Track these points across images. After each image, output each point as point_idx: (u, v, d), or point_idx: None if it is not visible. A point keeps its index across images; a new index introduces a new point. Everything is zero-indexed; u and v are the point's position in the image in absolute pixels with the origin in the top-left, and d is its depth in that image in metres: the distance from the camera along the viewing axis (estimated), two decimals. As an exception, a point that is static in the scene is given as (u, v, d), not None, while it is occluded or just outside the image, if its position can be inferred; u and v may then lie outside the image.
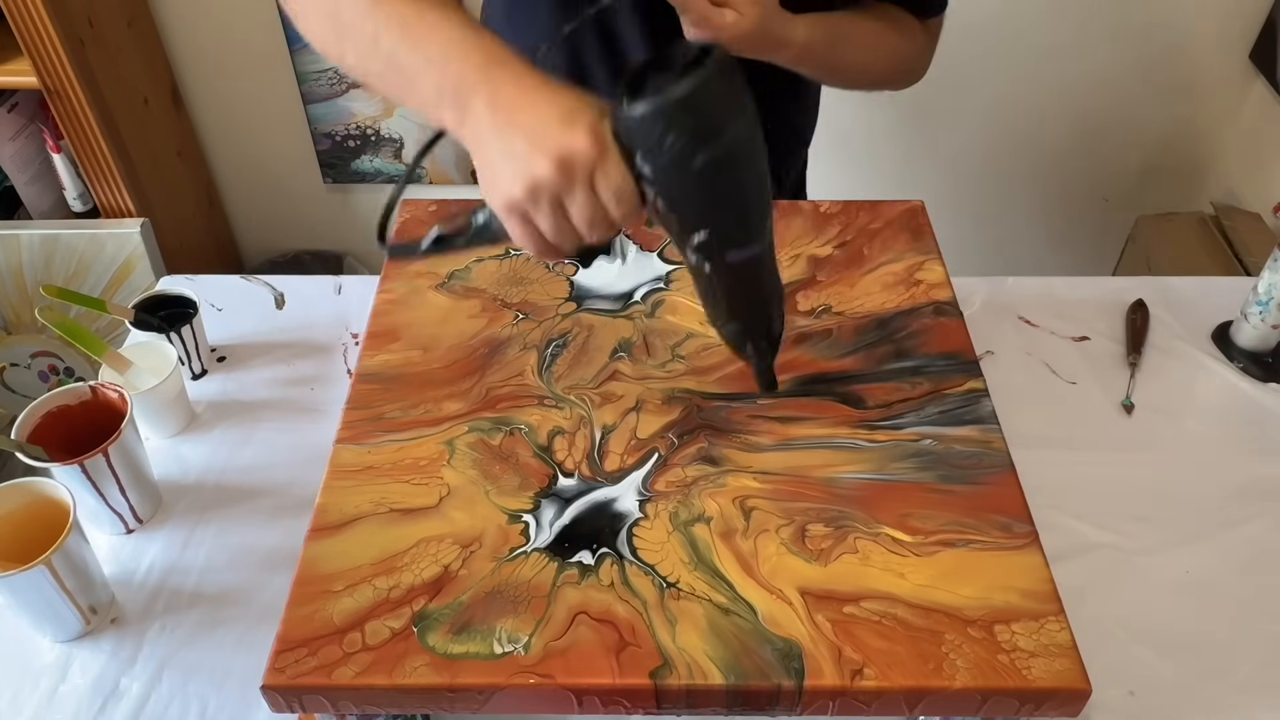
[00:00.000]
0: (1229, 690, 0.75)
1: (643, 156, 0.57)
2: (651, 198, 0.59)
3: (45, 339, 1.73)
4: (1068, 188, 1.92)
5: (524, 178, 0.57)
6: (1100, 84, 1.77)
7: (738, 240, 0.62)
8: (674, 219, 0.60)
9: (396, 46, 0.61)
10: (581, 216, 0.58)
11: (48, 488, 0.76)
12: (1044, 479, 0.84)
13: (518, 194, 0.58)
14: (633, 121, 0.56)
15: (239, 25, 1.75)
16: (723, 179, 0.58)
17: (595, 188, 0.57)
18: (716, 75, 0.55)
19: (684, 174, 0.57)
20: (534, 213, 0.59)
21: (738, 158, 0.58)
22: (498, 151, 0.58)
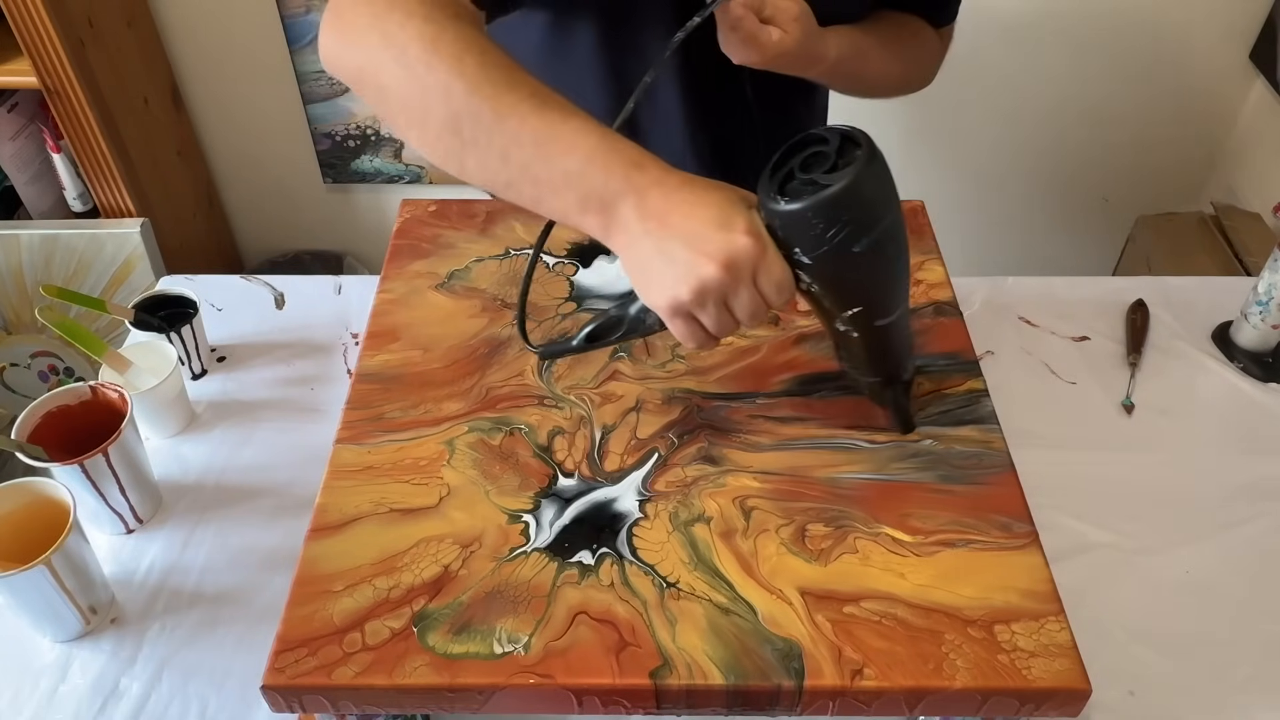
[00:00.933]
0: (1229, 690, 0.75)
1: (803, 249, 0.60)
2: (807, 283, 0.62)
3: (45, 339, 1.73)
4: (1068, 188, 1.92)
5: (690, 281, 0.59)
6: (1100, 84, 1.77)
7: (889, 309, 0.65)
8: (828, 299, 0.64)
9: (530, 161, 0.61)
10: (745, 311, 0.61)
11: (48, 488, 0.76)
12: (1044, 479, 0.84)
13: (684, 297, 0.60)
14: (793, 216, 0.59)
15: (239, 25, 1.75)
16: (880, 260, 0.61)
17: (758, 283, 0.60)
18: (870, 164, 0.58)
19: (843, 261, 0.60)
20: (699, 313, 0.61)
21: (893, 238, 0.61)
22: (655, 257, 0.60)
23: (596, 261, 0.87)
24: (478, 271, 0.86)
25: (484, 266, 0.87)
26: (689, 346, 0.64)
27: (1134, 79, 1.76)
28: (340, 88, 1.80)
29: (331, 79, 1.78)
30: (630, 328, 0.70)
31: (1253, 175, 1.75)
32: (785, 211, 0.59)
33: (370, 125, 1.85)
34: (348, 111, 1.83)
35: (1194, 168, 1.87)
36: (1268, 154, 1.71)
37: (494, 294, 0.84)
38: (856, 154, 0.59)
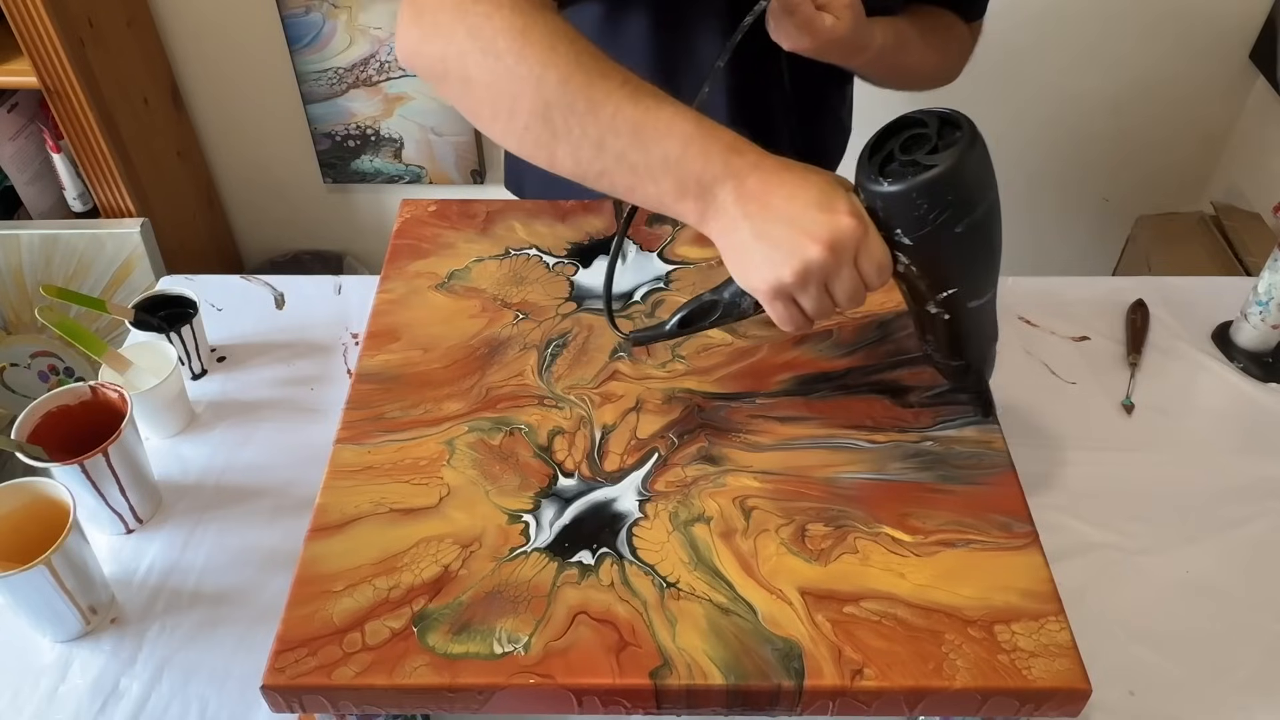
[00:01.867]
0: (1229, 690, 0.75)
1: (904, 230, 0.60)
2: (905, 264, 0.63)
3: (45, 339, 1.73)
4: (1068, 188, 1.92)
5: (794, 263, 0.60)
6: (1100, 84, 1.77)
7: (982, 291, 0.66)
8: (924, 280, 0.64)
9: (627, 149, 0.62)
10: (844, 293, 0.62)
11: (48, 488, 0.76)
12: (1044, 479, 0.84)
13: (787, 279, 0.60)
14: (895, 197, 0.59)
15: (239, 25, 1.75)
16: (979, 241, 0.62)
17: (859, 264, 0.61)
18: (973, 145, 0.59)
19: (944, 242, 0.61)
20: (800, 295, 0.62)
21: (993, 219, 0.62)
22: (756, 240, 0.61)
23: (597, 261, 0.87)
24: (478, 271, 0.86)
25: (484, 266, 0.87)
26: (786, 330, 0.64)
27: (1134, 79, 1.76)
28: (340, 87, 1.80)
29: (331, 79, 1.78)
30: (725, 312, 0.69)
31: (1253, 175, 1.75)
32: (888, 193, 0.59)
33: (370, 125, 1.85)
34: (348, 111, 1.83)
35: (1194, 168, 1.87)
36: (1268, 154, 1.71)
37: (494, 294, 0.84)
38: (957, 136, 0.59)
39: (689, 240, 0.89)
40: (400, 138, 1.86)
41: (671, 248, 0.89)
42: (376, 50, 1.75)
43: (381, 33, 1.73)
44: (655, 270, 0.86)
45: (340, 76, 1.79)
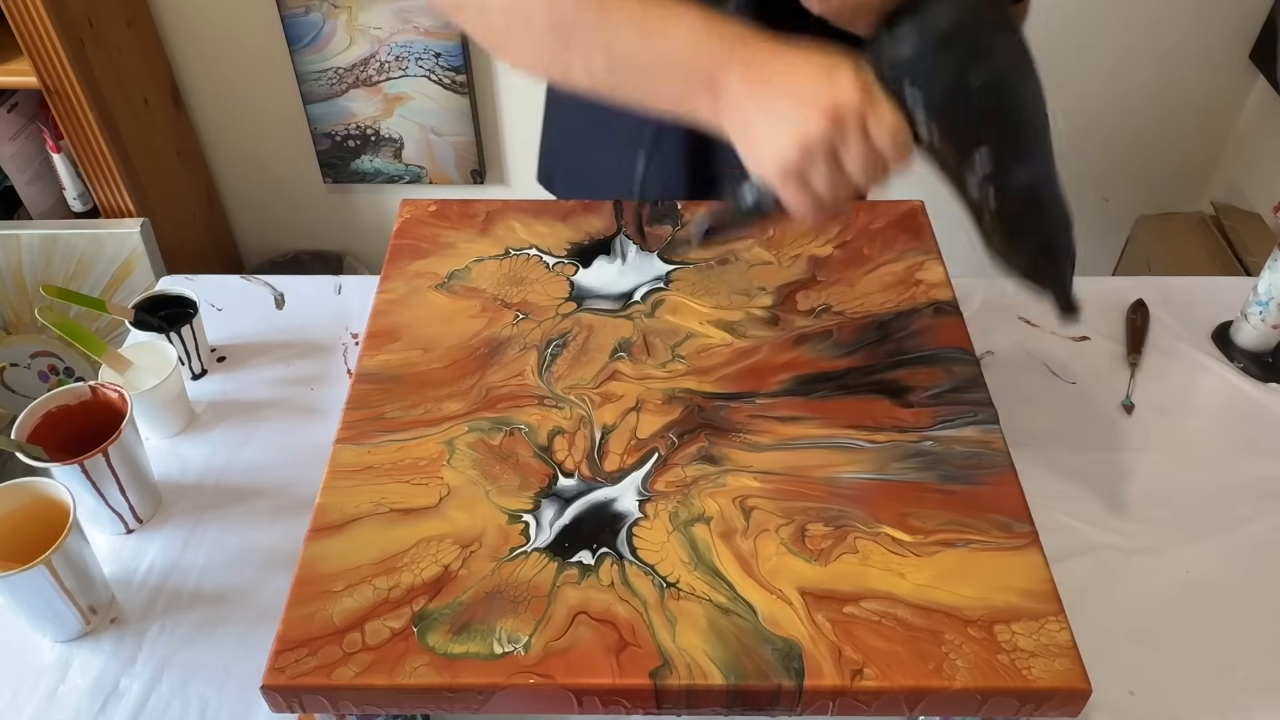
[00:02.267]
0: (1229, 690, 0.75)
1: (915, 89, 0.57)
2: (926, 133, 0.59)
3: (45, 339, 1.73)
4: (1068, 188, 1.91)
5: (797, 138, 0.58)
6: (1100, 84, 1.77)
7: (1020, 154, 0.61)
8: (951, 148, 0.60)
9: (636, 49, 0.62)
10: (858, 165, 0.59)
11: (48, 488, 0.76)
12: (1044, 479, 0.84)
13: (793, 156, 0.59)
14: (902, 54, 0.57)
15: (239, 25, 1.75)
16: (1001, 93, 0.58)
17: (869, 133, 0.58)
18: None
19: (962, 96, 0.57)
20: (810, 172, 0.60)
21: (1011, 69, 0.58)
22: (763, 120, 0.59)
23: (596, 261, 0.87)
24: (478, 271, 0.86)
25: (484, 266, 0.87)
26: (808, 219, 0.63)
27: (1134, 79, 1.76)
28: (340, 87, 1.80)
29: (331, 79, 1.78)
30: (747, 212, 0.66)
31: (1253, 175, 1.75)
32: (891, 51, 0.57)
33: (370, 125, 1.85)
34: (348, 111, 1.83)
35: (1194, 168, 1.87)
36: (1268, 154, 1.71)
37: (494, 294, 0.84)
38: None
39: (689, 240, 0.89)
40: (400, 138, 1.86)
41: (671, 248, 0.89)
42: (376, 50, 1.75)
43: (381, 33, 1.73)
44: (655, 270, 0.86)
45: (340, 76, 1.79)
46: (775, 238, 0.89)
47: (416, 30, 1.72)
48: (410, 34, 1.72)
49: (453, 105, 1.80)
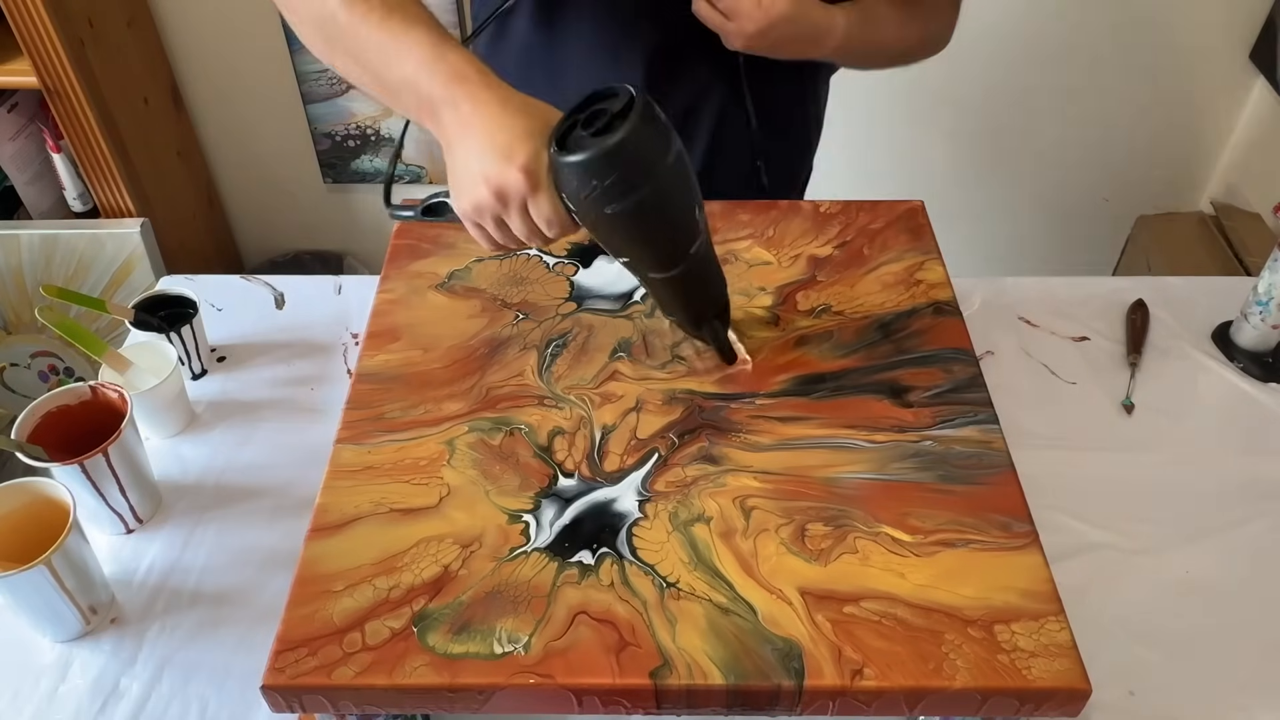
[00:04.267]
0: (1229, 690, 0.75)
1: (566, 195, 0.65)
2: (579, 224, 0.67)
3: (45, 339, 1.73)
4: (1068, 188, 1.92)
5: (470, 198, 0.67)
6: (1100, 84, 1.77)
7: (655, 267, 0.70)
8: (601, 244, 0.70)
9: (378, 68, 0.69)
10: (520, 233, 0.68)
11: (48, 488, 0.76)
12: (1044, 479, 0.84)
13: (467, 209, 0.68)
14: (553, 166, 0.64)
15: (239, 25, 1.75)
16: (631, 227, 0.66)
17: (529, 212, 0.66)
18: (624, 140, 0.61)
19: (596, 220, 0.65)
20: (481, 223, 0.69)
21: (644, 210, 0.64)
22: (458, 163, 0.67)
23: (596, 261, 0.87)
24: (478, 271, 0.86)
25: (484, 266, 0.87)
26: (484, 246, 0.71)
27: (1134, 79, 1.76)
28: (340, 88, 1.80)
29: (332, 79, 1.78)
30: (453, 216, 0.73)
31: (1253, 175, 1.75)
32: (553, 164, 0.64)
33: (370, 125, 1.85)
34: (348, 111, 1.83)
35: (1194, 168, 1.87)
36: (1268, 154, 1.71)
37: (494, 294, 0.84)
38: (617, 124, 0.62)
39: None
40: (400, 138, 1.86)
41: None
42: (376, 50, 1.75)
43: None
44: (655, 270, 0.86)
45: (340, 76, 1.79)
46: (775, 238, 0.89)
47: (416, 30, 1.72)
48: (410, 34, 1.72)
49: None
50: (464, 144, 0.66)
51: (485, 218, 0.68)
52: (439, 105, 0.66)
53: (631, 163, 0.62)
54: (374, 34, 0.67)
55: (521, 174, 0.63)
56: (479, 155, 0.65)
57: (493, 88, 0.66)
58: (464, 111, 0.65)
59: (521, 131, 0.64)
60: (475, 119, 0.65)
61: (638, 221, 0.65)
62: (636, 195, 0.63)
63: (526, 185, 0.64)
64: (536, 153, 0.64)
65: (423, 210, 0.77)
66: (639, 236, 0.67)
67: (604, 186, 0.62)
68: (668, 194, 0.65)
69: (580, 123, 0.64)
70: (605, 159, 0.61)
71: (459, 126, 0.66)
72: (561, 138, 0.64)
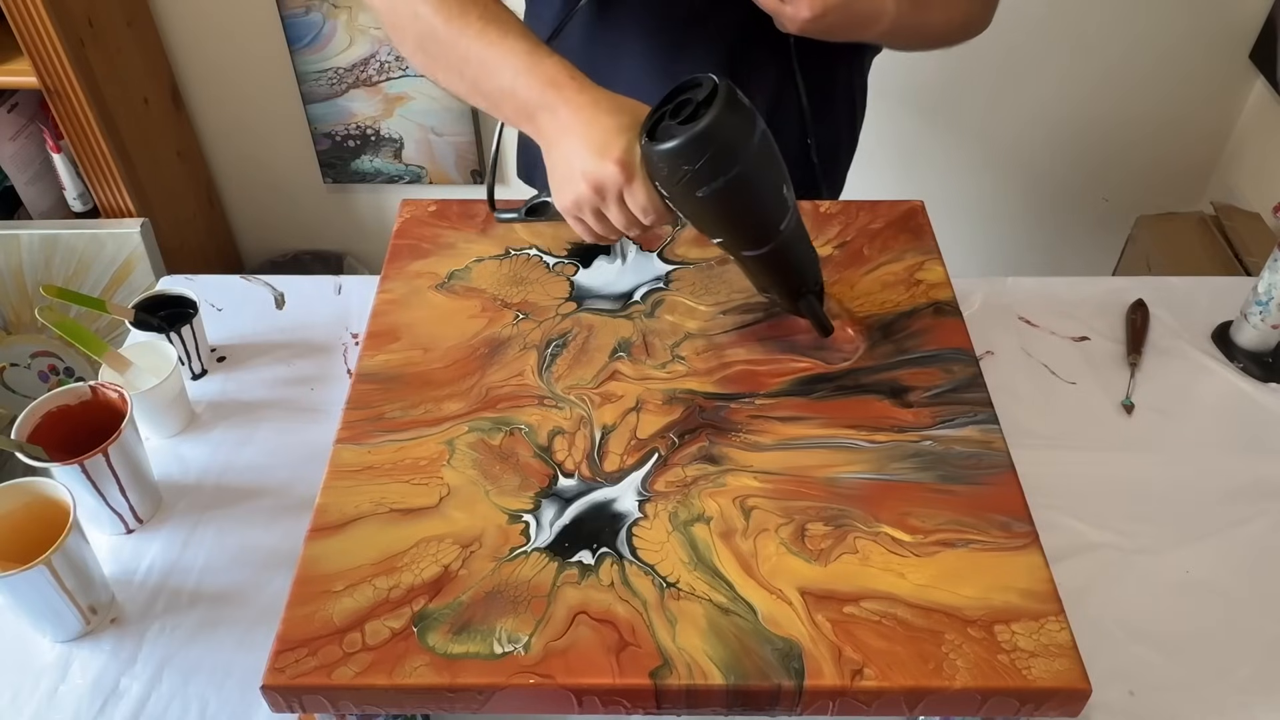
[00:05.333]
0: (1229, 690, 0.75)
1: (659, 183, 0.68)
2: (674, 209, 0.70)
3: (45, 339, 1.73)
4: (1068, 188, 1.92)
5: (571, 194, 0.72)
6: (1100, 84, 1.77)
7: (748, 245, 0.73)
8: (695, 226, 0.73)
9: (478, 79, 0.73)
10: (618, 223, 0.72)
11: (48, 488, 0.76)
12: (1044, 479, 0.84)
13: (568, 204, 0.73)
14: (645, 155, 0.67)
15: (239, 26, 1.75)
16: (727, 205, 0.69)
17: (626, 203, 0.70)
18: (713, 125, 0.64)
19: (689, 203, 0.68)
20: (581, 216, 0.73)
21: (734, 191, 0.67)
22: (557, 163, 0.72)
23: (596, 261, 0.87)
24: (478, 271, 0.86)
25: (484, 266, 0.87)
26: (585, 239, 0.76)
27: (1134, 79, 1.76)
28: (340, 87, 1.80)
29: (331, 79, 1.78)
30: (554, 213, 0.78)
31: (1253, 175, 1.75)
32: (645, 153, 0.67)
33: (370, 125, 1.85)
34: (348, 111, 1.83)
35: (1194, 168, 1.87)
36: (1268, 154, 1.71)
37: (494, 294, 0.84)
38: (703, 111, 0.65)
39: (689, 241, 0.89)
40: (400, 138, 1.86)
41: (671, 248, 0.89)
42: (376, 50, 1.75)
43: (381, 33, 1.73)
44: (655, 270, 0.86)
45: (340, 76, 1.79)
46: (775, 238, 0.89)
47: (416, 30, 1.72)
48: (410, 34, 1.72)
49: (453, 105, 1.80)
50: (562, 145, 0.70)
51: (585, 211, 0.72)
52: (536, 111, 0.71)
53: (719, 146, 0.65)
54: (472, 46, 0.72)
55: (617, 167, 0.68)
56: (577, 154, 0.69)
57: (585, 90, 0.70)
58: (560, 115, 0.70)
59: (614, 128, 0.68)
60: (571, 121, 0.69)
61: (728, 202, 0.68)
62: (725, 176, 0.66)
63: (622, 177, 0.68)
64: (629, 146, 0.68)
65: (525, 211, 0.83)
66: (730, 216, 0.70)
67: (695, 171, 0.65)
68: (755, 174, 0.68)
69: (668, 114, 0.67)
70: (694, 144, 0.64)
71: (556, 129, 0.70)
72: (651, 129, 0.67)
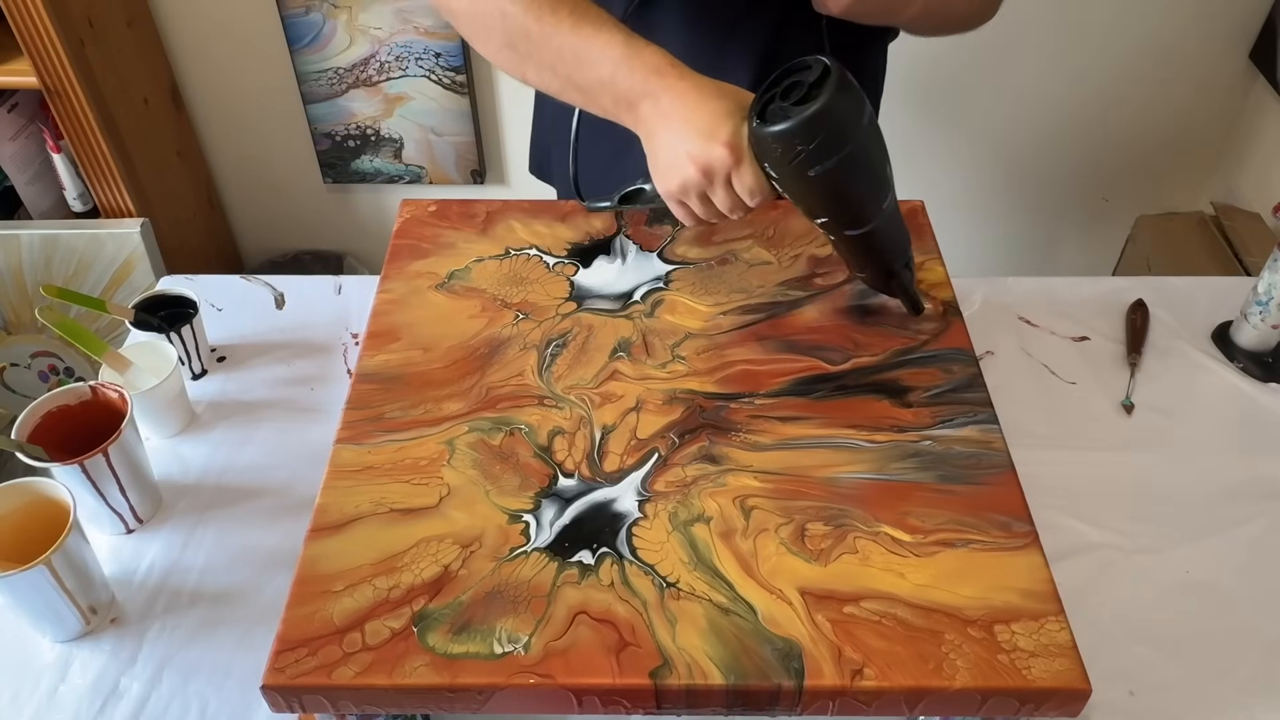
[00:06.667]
0: (1229, 690, 0.75)
1: (768, 164, 0.69)
2: (780, 192, 0.71)
3: (45, 339, 1.73)
4: (1068, 188, 1.92)
5: (677, 178, 0.72)
6: (1100, 84, 1.77)
7: (851, 225, 0.73)
8: (799, 208, 0.73)
9: (572, 72, 0.73)
10: (724, 206, 0.73)
11: (48, 488, 0.76)
12: (1044, 479, 0.84)
13: (673, 189, 0.73)
14: (756, 137, 0.68)
15: (239, 26, 1.75)
16: (837, 184, 0.69)
17: (733, 186, 0.71)
18: (828, 103, 0.65)
19: (802, 181, 0.69)
20: (686, 201, 0.74)
21: (845, 170, 0.68)
22: (660, 150, 0.72)
23: (596, 261, 0.87)
24: (478, 271, 0.86)
25: (484, 266, 0.87)
26: (687, 224, 0.76)
27: (1134, 79, 1.76)
28: (340, 87, 1.80)
29: (331, 79, 1.78)
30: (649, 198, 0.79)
31: (1253, 175, 1.75)
32: (751, 132, 0.68)
33: (370, 125, 1.85)
34: (348, 111, 1.83)
35: (1194, 168, 1.87)
36: (1268, 154, 1.71)
37: (494, 294, 0.84)
38: (816, 93, 0.66)
39: (688, 240, 0.89)
40: (400, 138, 1.86)
41: (671, 248, 0.89)
42: (376, 50, 1.75)
43: (381, 33, 1.73)
44: (655, 270, 0.86)
45: (340, 76, 1.79)
46: (775, 237, 0.89)
47: (416, 30, 1.72)
48: (410, 34, 1.72)
49: (453, 105, 1.80)
50: (666, 131, 0.71)
51: (691, 196, 0.73)
52: (638, 100, 0.71)
53: (833, 126, 0.66)
54: (568, 41, 0.72)
55: (726, 149, 0.68)
56: (683, 138, 0.70)
57: (687, 77, 0.71)
58: (664, 102, 0.70)
59: (720, 112, 0.69)
60: (675, 107, 0.70)
61: (838, 181, 0.69)
62: (838, 155, 0.67)
63: (731, 159, 0.69)
64: (737, 129, 0.69)
65: (619, 199, 0.83)
66: (839, 195, 0.71)
67: (809, 151, 0.66)
68: (865, 153, 0.69)
69: (777, 96, 0.68)
70: (810, 124, 0.65)
71: (659, 117, 0.71)
72: (760, 112, 0.68)
